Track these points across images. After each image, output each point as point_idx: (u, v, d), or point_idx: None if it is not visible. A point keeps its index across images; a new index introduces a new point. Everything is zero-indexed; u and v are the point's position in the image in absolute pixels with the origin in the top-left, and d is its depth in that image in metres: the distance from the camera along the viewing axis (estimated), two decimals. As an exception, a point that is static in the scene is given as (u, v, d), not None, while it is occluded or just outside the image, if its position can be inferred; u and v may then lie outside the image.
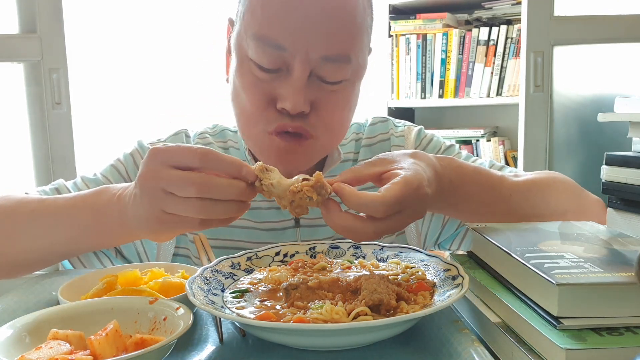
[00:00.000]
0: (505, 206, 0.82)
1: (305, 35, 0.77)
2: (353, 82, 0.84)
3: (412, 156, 0.70)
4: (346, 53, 0.80)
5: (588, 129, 2.02)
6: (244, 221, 0.92)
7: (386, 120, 1.05)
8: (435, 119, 2.88)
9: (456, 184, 0.76)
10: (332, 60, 0.79)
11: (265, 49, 0.78)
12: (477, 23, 2.59)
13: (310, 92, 0.80)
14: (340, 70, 0.81)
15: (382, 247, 0.75)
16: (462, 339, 0.54)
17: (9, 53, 1.86)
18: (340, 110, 0.84)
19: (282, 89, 0.79)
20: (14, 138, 1.95)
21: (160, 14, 2.39)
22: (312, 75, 0.80)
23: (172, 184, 0.60)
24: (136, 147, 0.98)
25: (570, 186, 0.89)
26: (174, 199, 0.61)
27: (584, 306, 0.48)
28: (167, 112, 2.39)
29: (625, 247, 0.59)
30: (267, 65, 0.79)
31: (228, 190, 0.61)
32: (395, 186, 0.61)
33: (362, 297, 0.57)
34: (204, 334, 0.61)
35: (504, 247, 0.58)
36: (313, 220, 0.93)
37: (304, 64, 0.78)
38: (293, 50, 0.77)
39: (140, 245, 0.93)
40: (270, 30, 0.78)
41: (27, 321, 0.56)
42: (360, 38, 0.82)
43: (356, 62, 0.82)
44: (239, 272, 0.70)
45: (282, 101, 0.79)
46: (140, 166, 0.65)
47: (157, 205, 0.62)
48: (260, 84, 0.80)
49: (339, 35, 0.79)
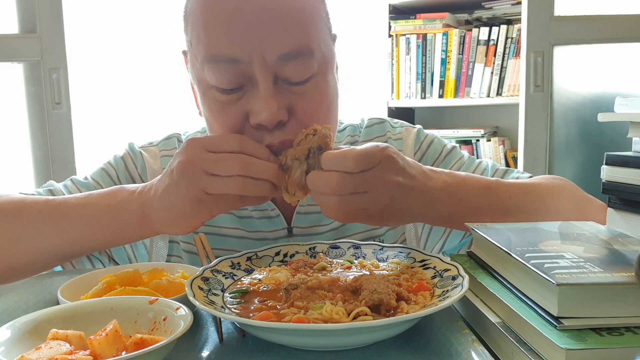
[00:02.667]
0: (502, 210, 0.79)
1: (252, 40, 0.72)
2: (324, 74, 0.78)
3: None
4: (305, 46, 0.74)
5: (588, 129, 2.02)
6: (236, 230, 0.91)
7: (383, 122, 1.02)
8: (435, 119, 2.88)
9: (452, 185, 0.74)
10: (292, 57, 0.73)
11: (220, 67, 0.73)
12: (477, 23, 2.59)
13: (281, 99, 0.74)
14: (305, 66, 0.75)
15: (382, 247, 0.75)
16: (462, 339, 0.54)
17: (9, 53, 1.86)
18: (318, 107, 0.78)
19: (251, 104, 0.74)
20: (14, 138, 1.95)
21: (160, 14, 2.39)
22: (278, 80, 0.74)
23: (216, 164, 0.66)
24: (127, 150, 0.97)
25: (573, 191, 0.87)
26: (216, 179, 0.66)
27: (584, 306, 0.48)
28: (167, 112, 2.39)
29: (625, 247, 0.59)
30: (227, 85, 0.74)
31: (266, 168, 0.67)
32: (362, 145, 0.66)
33: (362, 297, 0.57)
34: (204, 334, 0.61)
35: (504, 247, 0.58)
36: (306, 228, 0.91)
37: (264, 69, 0.72)
38: (248, 58, 0.72)
39: (131, 252, 0.92)
40: (218, 46, 0.73)
41: (27, 321, 0.56)
42: (315, 27, 0.77)
43: (319, 53, 0.76)
44: (239, 272, 0.70)
45: (255, 116, 0.74)
46: (176, 156, 0.69)
47: (197, 186, 0.67)
48: (228, 108, 0.76)
49: (291, 29, 0.73)
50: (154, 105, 2.39)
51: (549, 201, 0.83)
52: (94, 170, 0.95)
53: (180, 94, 2.42)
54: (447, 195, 0.74)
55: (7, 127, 1.95)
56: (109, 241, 0.80)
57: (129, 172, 0.94)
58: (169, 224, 0.72)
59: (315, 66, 0.76)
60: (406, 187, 0.68)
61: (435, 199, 0.72)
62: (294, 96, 0.75)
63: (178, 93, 2.42)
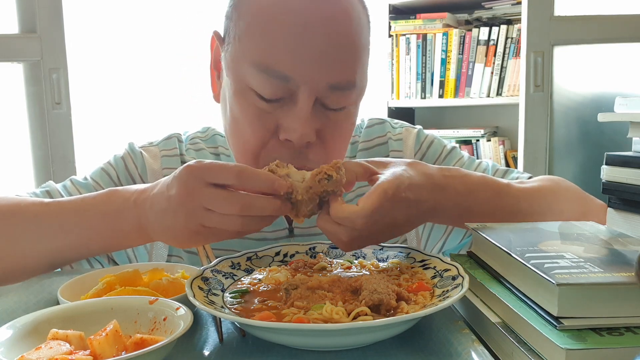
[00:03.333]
0: (510, 215, 0.79)
1: (311, 65, 0.74)
2: (356, 104, 0.83)
3: (409, 164, 0.71)
4: (352, 80, 0.78)
5: (588, 129, 2.02)
6: None
7: (383, 122, 1.02)
8: (435, 119, 2.88)
9: (463, 194, 0.74)
10: (338, 88, 0.77)
11: (268, 79, 0.75)
12: (477, 23, 2.59)
13: (315, 121, 0.77)
14: (346, 97, 0.78)
15: (382, 247, 0.75)
16: (462, 339, 0.54)
17: (9, 53, 1.86)
18: (345, 137, 0.82)
19: (287, 119, 0.76)
20: (14, 138, 1.95)
21: (160, 14, 2.39)
22: (317, 103, 0.77)
23: (214, 203, 0.63)
24: (127, 150, 0.96)
25: (575, 192, 0.88)
26: (214, 215, 0.63)
27: (584, 306, 0.48)
28: (167, 111, 2.39)
29: (625, 247, 0.59)
30: (269, 96, 0.76)
31: (267, 207, 0.64)
32: (370, 195, 0.64)
33: (362, 297, 0.57)
34: (204, 334, 0.61)
35: (504, 247, 0.58)
36: (307, 229, 0.91)
37: (310, 93, 0.75)
38: (299, 80, 0.74)
39: (131, 252, 0.92)
40: (275, 60, 0.74)
41: (27, 321, 0.55)
42: (363, 62, 0.80)
43: (360, 86, 0.80)
44: (239, 272, 0.70)
45: (287, 132, 0.76)
46: (175, 183, 0.65)
47: (196, 221, 0.64)
48: (263, 116, 0.77)
49: (345, 62, 0.77)
50: (154, 105, 2.39)
51: (555, 204, 0.83)
52: (94, 170, 0.95)
53: (180, 94, 2.42)
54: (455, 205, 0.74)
55: (7, 127, 1.95)
56: (107, 248, 0.80)
57: (129, 172, 0.94)
58: (165, 240, 0.72)
59: (353, 98, 0.80)
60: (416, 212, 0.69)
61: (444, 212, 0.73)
62: (326, 120, 0.78)
63: (178, 93, 2.42)
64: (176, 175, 0.66)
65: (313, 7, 0.75)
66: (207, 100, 2.48)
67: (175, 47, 2.40)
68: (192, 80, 2.42)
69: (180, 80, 2.43)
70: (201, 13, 2.41)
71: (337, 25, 0.76)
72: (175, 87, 2.42)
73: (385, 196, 0.64)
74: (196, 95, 2.41)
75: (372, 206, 0.63)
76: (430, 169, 0.73)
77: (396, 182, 0.65)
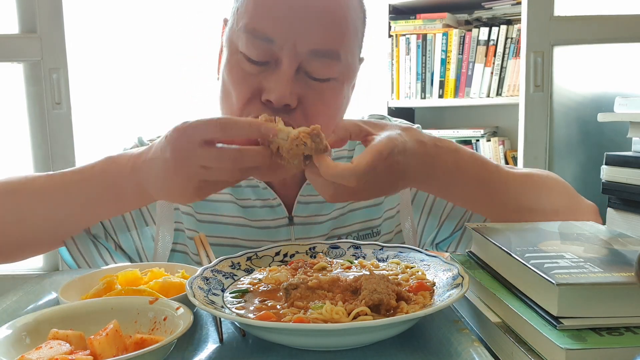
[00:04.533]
0: (497, 195, 0.83)
1: (293, 28, 0.77)
2: (342, 82, 0.83)
3: (403, 129, 0.75)
4: (335, 49, 0.80)
5: (588, 129, 2.02)
6: (238, 219, 0.93)
7: (383, 119, 1.05)
8: (435, 119, 2.87)
9: (451, 167, 0.78)
10: (320, 55, 0.79)
11: (254, 42, 0.78)
12: (477, 23, 2.58)
13: (297, 87, 0.79)
14: (329, 67, 0.80)
15: (382, 247, 0.75)
16: (462, 339, 0.54)
17: (9, 53, 1.86)
18: (326, 108, 0.83)
19: (269, 81, 0.79)
20: (14, 138, 1.95)
21: (159, 14, 2.39)
22: (300, 71, 0.79)
23: (208, 162, 0.68)
24: (136, 144, 0.99)
25: (564, 187, 0.89)
26: (212, 170, 0.69)
27: (584, 306, 0.48)
28: (167, 111, 2.39)
29: (625, 247, 0.59)
30: (255, 58, 0.79)
31: (257, 157, 0.69)
32: (365, 155, 0.67)
33: (362, 297, 0.57)
34: (204, 334, 0.61)
35: (504, 247, 0.58)
36: (307, 218, 0.94)
37: (291, 56, 0.77)
38: (281, 42, 0.77)
39: (138, 241, 0.94)
40: (260, 22, 0.78)
41: (27, 321, 0.56)
42: (349, 37, 0.82)
43: (345, 61, 0.81)
44: (239, 272, 0.70)
45: (268, 93, 0.78)
46: (167, 146, 0.70)
47: (196, 179, 0.70)
48: (248, 77, 0.80)
49: (329, 31, 0.79)
50: (154, 105, 2.39)
51: (543, 193, 0.86)
52: None
53: (180, 94, 2.42)
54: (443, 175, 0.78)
55: (7, 127, 1.95)
56: (111, 213, 0.87)
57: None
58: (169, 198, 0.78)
59: (337, 71, 0.81)
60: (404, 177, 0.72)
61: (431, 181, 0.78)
62: (308, 89, 0.80)
63: (178, 93, 2.42)
64: (167, 137, 0.71)
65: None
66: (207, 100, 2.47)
67: (175, 47, 2.40)
68: (192, 80, 2.42)
69: (180, 80, 2.43)
70: (201, 13, 2.41)
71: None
72: (175, 87, 2.42)
73: (380, 157, 0.67)
74: (196, 95, 2.41)
75: (366, 165, 0.66)
76: (424, 137, 0.76)
77: (390, 144, 0.69)
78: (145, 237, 0.94)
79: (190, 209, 0.94)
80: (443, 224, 0.98)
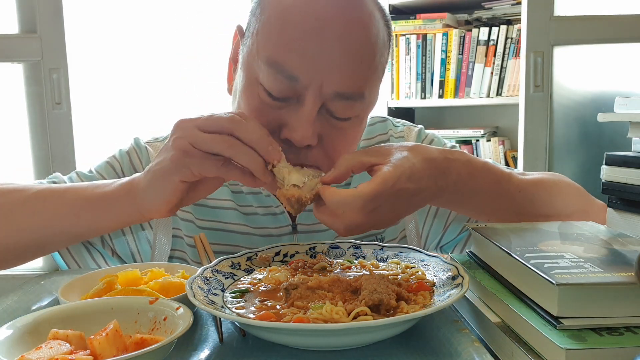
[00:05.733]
0: (511, 203, 0.80)
1: (321, 69, 0.74)
2: (362, 118, 0.82)
3: (410, 150, 0.70)
4: (361, 91, 0.77)
5: (588, 129, 2.02)
6: (241, 226, 0.92)
7: (385, 120, 1.04)
8: (435, 119, 2.88)
9: (465, 178, 0.74)
10: (345, 97, 0.76)
11: (277, 77, 0.75)
12: (477, 23, 2.59)
13: (318, 126, 0.76)
14: (352, 108, 0.78)
15: (382, 247, 0.75)
16: (462, 339, 0.54)
17: (9, 53, 1.86)
18: (347, 146, 0.81)
19: (291, 118, 0.76)
20: (14, 138, 1.95)
21: (159, 14, 2.39)
22: (322, 109, 0.77)
23: (201, 140, 0.67)
24: (132, 145, 0.98)
25: (576, 189, 0.88)
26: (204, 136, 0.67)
27: (584, 306, 0.48)
28: (167, 111, 2.38)
29: (625, 247, 0.59)
30: (276, 94, 0.76)
31: (251, 159, 0.67)
32: (371, 182, 0.64)
33: (362, 297, 0.57)
34: (204, 334, 0.61)
35: (504, 247, 0.58)
36: (310, 225, 0.92)
37: (316, 97, 0.74)
38: (306, 82, 0.74)
39: (134, 246, 0.93)
40: (286, 58, 0.74)
41: (27, 321, 0.56)
42: (376, 76, 0.80)
43: (369, 99, 0.80)
44: (239, 272, 0.70)
45: (290, 131, 0.76)
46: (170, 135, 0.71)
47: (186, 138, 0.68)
48: (267, 110, 0.77)
49: (357, 73, 0.76)
50: (154, 105, 2.39)
51: (556, 197, 0.84)
52: (99, 164, 0.97)
53: (180, 94, 2.42)
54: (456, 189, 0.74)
55: (7, 127, 1.95)
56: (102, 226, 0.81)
57: (134, 166, 0.95)
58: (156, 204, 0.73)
59: (360, 109, 0.79)
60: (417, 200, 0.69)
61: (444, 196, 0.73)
62: (329, 128, 0.78)
63: (178, 93, 2.42)
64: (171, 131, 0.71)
65: (333, 12, 0.74)
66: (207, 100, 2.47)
67: (175, 47, 2.40)
68: (192, 80, 2.42)
69: (180, 80, 2.42)
70: (201, 13, 2.41)
71: (354, 34, 0.75)
72: (175, 87, 2.42)
73: (385, 185, 0.64)
74: (196, 95, 2.41)
75: (370, 191, 0.63)
76: (433, 153, 0.72)
77: (397, 172, 0.65)
78: (141, 241, 0.93)
79: (190, 215, 0.92)
80: (449, 228, 0.97)
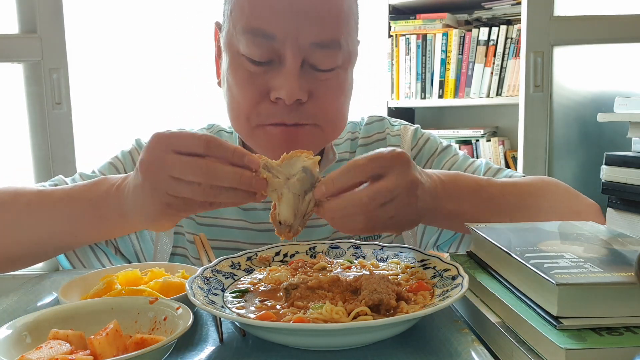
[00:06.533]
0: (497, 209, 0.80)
1: (294, 22, 0.77)
2: (345, 68, 0.85)
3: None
4: (336, 38, 0.80)
5: (588, 129, 2.02)
6: (240, 222, 0.93)
7: (382, 120, 1.05)
8: (435, 119, 2.88)
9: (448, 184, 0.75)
10: (322, 46, 0.79)
11: (255, 41, 0.78)
12: (477, 23, 2.59)
13: (304, 81, 0.80)
14: (332, 57, 0.81)
15: (382, 247, 0.75)
16: (462, 339, 0.54)
17: (9, 53, 1.86)
18: (336, 97, 0.84)
19: (276, 79, 0.79)
20: (14, 138, 1.95)
21: (159, 14, 2.39)
22: (305, 64, 0.80)
23: (178, 169, 0.62)
24: (134, 146, 0.99)
25: (565, 190, 0.89)
26: (180, 183, 0.62)
27: (584, 306, 0.48)
28: (167, 111, 2.39)
29: (625, 247, 0.59)
30: (258, 58, 0.79)
31: (233, 177, 0.62)
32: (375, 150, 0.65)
33: (362, 297, 0.57)
34: (204, 334, 0.61)
35: (504, 247, 0.58)
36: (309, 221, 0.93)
37: (295, 51, 0.78)
38: (283, 38, 0.78)
39: (137, 244, 0.93)
40: (259, 20, 0.78)
41: (27, 321, 0.56)
42: (348, 23, 0.83)
43: (346, 48, 0.83)
44: (239, 272, 0.70)
45: (277, 91, 0.79)
46: (142, 152, 0.66)
47: (162, 190, 0.64)
48: (253, 78, 0.80)
49: (328, 21, 0.80)
50: (154, 105, 2.39)
51: (542, 199, 0.85)
52: (102, 164, 0.97)
53: (180, 94, 2.42)
54: (446, 193, 0.74)
55: (7, 127, 1.95)
56: (94, 236, 0.81)
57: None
58: (143, 223, 0.71)
59: (340, 59, 0.82)
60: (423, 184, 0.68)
61: (439, 196, 0.73)
62: (316, 82, 0.81)
63: (178, 93, 2.42)
64: (146, 144, 0.66)
65: None
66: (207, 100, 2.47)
67: (175, 47, 2.40)
68: (192, 80, 2.42)
69: (180, 80, 2.43)
70: (201, 13, 2.41)
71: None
72: (175, 87, 2.42)
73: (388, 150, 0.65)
74: (196, 95, 2.41)
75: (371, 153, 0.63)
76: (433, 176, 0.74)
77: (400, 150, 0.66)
78: (144, 239, 0.94)
79: None
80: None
